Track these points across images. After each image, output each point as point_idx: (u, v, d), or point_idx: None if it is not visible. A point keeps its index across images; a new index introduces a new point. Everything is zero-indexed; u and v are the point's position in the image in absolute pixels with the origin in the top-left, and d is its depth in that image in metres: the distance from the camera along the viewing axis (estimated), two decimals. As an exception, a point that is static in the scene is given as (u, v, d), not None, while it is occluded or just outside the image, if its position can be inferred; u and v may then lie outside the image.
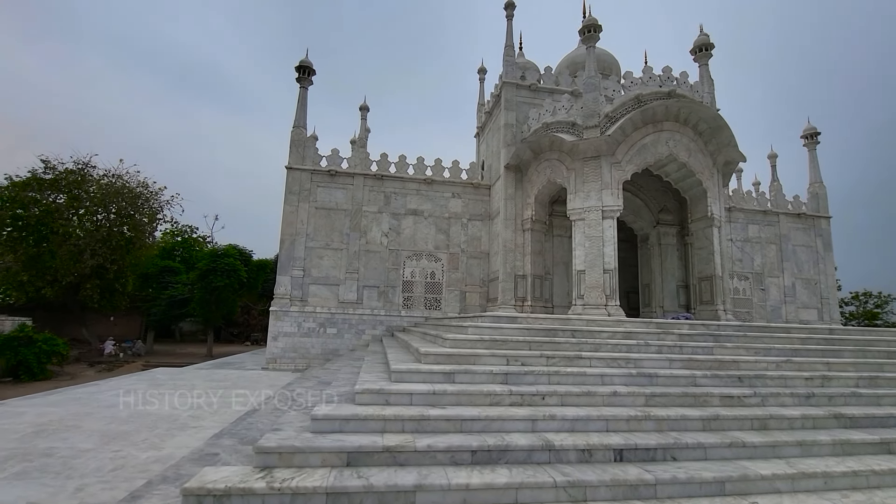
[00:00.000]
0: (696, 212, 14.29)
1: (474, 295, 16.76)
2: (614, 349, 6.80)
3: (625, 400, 5.45)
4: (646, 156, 13.16)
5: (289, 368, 14.95)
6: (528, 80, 16.30)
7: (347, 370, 9.30)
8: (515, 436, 4.54)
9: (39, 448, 5.92)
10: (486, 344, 6.49)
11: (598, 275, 12.65)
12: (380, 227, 16.52)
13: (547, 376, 5.71)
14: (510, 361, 6.09)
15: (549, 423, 4.79)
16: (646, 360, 6.43)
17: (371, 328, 15.75)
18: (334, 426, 4.43)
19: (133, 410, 8.34)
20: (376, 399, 4.93)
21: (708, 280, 13.98)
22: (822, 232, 19.43)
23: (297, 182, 16.12)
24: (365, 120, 18.58)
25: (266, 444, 3.96)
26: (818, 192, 19.78)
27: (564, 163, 13.88)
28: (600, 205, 12.91)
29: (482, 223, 17.27)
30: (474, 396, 5.10)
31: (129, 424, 7.34)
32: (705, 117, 13.40)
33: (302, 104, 16.84)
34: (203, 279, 23.70)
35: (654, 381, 5.98)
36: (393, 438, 4.27)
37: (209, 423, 7.63)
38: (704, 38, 15.49)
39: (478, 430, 4.64)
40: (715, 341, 7.61)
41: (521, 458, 4.29)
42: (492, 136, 17.83)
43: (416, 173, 17.10)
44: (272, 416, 5.93)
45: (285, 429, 4.48)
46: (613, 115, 13.35)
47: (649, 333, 7.53)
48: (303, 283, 15.65)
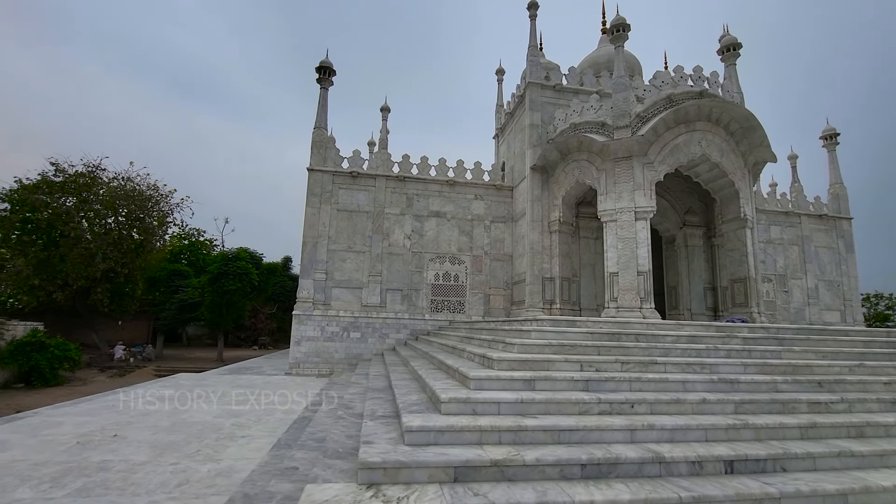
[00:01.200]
0: (727, 213, 14.12)
1: (498, 298, 16.51)
2: (684, 353, 6.57)
3: (714, 408, 5.22)
4: (678, 156, 12.98)
5: (312, 373, 14.64)
6: (553, 81, 16.12)
7: (388, 376, 9.03)
8: (619, 447, 4.29)
9: (93, 461, 5.62)
10: (555, 349, 6.24)
11: (632, 277, 12.44)
12: (402, 229, 16.26)
13: (628, 383, 5.48)
14: (584, 367, 5.85)
15: (648, 434, 4.55)
16: (721, 366, 6.20)
17: (395, 332, 15.47)
18: (429, 438, 4.17)
19: (173, 419, 8.02)
20: (463, 408, 4.67)
21: (741, 282, 13.79)
22: (843, 233, 19.33)
23: (319, 184, 15.85)
24: (386, 121, 18.33)
25: (370, 458, 3.69)
26: (839, 192, 19.70)
27: (594, 163, 13.68)
28: (633, 206, 12.71)
29: (505, 225, 17.05)
30: (562, 405, 4.85)
31: (175, 434, 7.03)
32: (737, 117, 13.24)
33: (322, 105, 16.60)
34: (214, 283, 23.32)
35: (736, 387, 5.75)
36: (495, 451, 4.01)
37: (256, 431, 7.33)
38: (732, 38, 15.36)
39: (576, 441, 4.39)
40: (779, 345, 7.39)
41: (631, 471, 4.04)
42: (514, 137, 17.63)
43: (438, 175, 16.88)
44: (340, 426, 5.65)
45: (377, 441, 4.21)
46: (645, 115, 13.18)
47: (713, 337, 7.31)
48: (325, 287, 15.35)
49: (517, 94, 17.24)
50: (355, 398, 7.73)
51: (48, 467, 5.36)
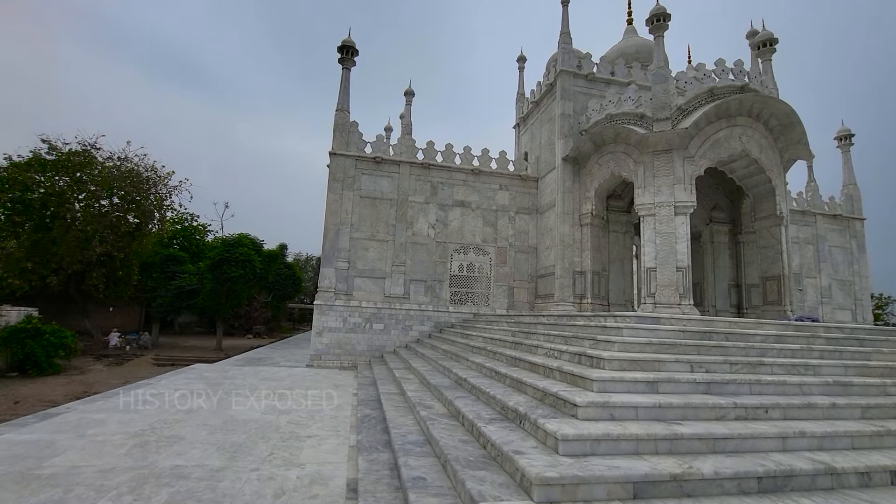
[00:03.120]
0: (761, 210, 14.00)
1: (522, 291, 16.17)
2: (780, 354, 6.31)
3: (843, 412, 4.95)
4: (719, 151, 12.75)
5: (334, 366, 14.08)
6: (585, 70, 15.70)
7: (447, 372, 8.58)
8: (779, 456, 3.97)
9: (164, 466, 5.03)
10: (656, 348, 5.89)
11: (671, 273, 12.22)
12: (426, 218, 15.72)
13: (748, 385, 5.16)
14: (695, 368, 5.51)
15: (799, 441, 4.24)
16: (823, 367, 5.96)
17: (419, 324, 14.99)
18: (585, 448, 3.76)
19: (222, 417, 7.42)
20: (601, 413, 4.28)
21: (775, 280, 13.73)
22: (856, 234, 19.59)
23: (342, 169, 15.16)
24: (410, 105, 17.65)
25: (545, 473, 3.26)
26: (852, 193, 19.92)
27: (631, 156, 13.36)
28: (672, 200, 12.44)
29: (529, 216, 16.66)
30: (699, 410, 4.50)
31: (235, 434, 6.46)
32: (777, 113, 13.07)
33: (345, 86, 15.83)
34: (216, 269, 22.38)
35: (849, 390, 5.51)
36: (663, 462, 3.63)
37: (318, 430, 6.82)
38: (768, 33, 15.17)
39: (732, 449, 4.05)
40: (861, 345, 7.22)
41: (805, 484, 3.72)
42: (539, 127, 17.19)
43: (463, 163, 16.35)
44: (440, 429, 5.18)
45: (526, 450, 3.78)
46: (686, 108, 12.90)
47: (797, 337, 7.08)
48: (347, 276, 14.75)
49: (545, 82, 16.77)
50: (421, 395, 7.26)
51: (118, 475, 4.76)
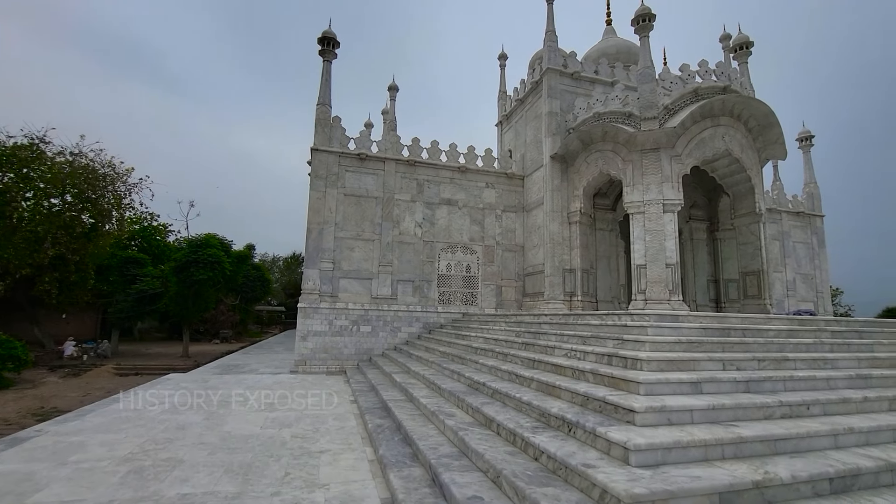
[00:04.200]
0: (741, 207, 14.47)
1: (510, 289, 16.06)
2: (796, 349, 6.39)
3: (874, 405, 5.03)
4: (704, 150, 13.03)
5: (320, 371, 13.47)
6: (570, 69, 15.74)
7: (455, 374, 8.27)
8: (839, 454, 3.93)
9: (169, 497, 4.46)
10: (685, 347, 5.81)
11: (661, 269, 12.39)
12: (413, 216, 15.32)
13: (782, 382, 5.16)
14: (726, 366, 5.47)
15: (848, 438, 4.23)
16: (839, 361, 6.08)
17: (407, 325, 14.59)
18: (657, 458, 3.57)
19: (218, 433, 6.81)
20: (659, 419, 4.11)
21: (754, 275, 14.23)
22: (817, 230, 20.70)
23: (325, 165, 14.52)
24: (394, 101, 17.14)
25: (634, 489, 3.03)
26: (813, 192, 21.05)
27: (620, 154, 13.47)
28: (661, 198, 12.62)
29: (516, 215, 16.57)
30: (749, 410, 4.43)
31: (238, 452, 5.90)
32: (757, 114, 13.50)
33: (326, 79, 15.18)
34: (182, 272, 21.07)
35: (870, 382, 5.63)
36: (739, 469, 3.48)
37: (329, 444, 6.36)
38: (744, 36, 15.71)
39: (790, 450, 3.98)
40: (860, 337, 7.47)
41: (870, 482, 3.69)
42: (525, 125, 17.12)
43: (449, 161, 16.06)
44: (475, 439, 4.87)
45: (596, 463, 3.54)
46: (672, 108, 13.12)
47: (805, 331, 7.24)
48: (332, 277, 14.15)
49: (530, 80, 16.71)
50: (436, 401, 6.92)
51: (123, 509, 4.18)
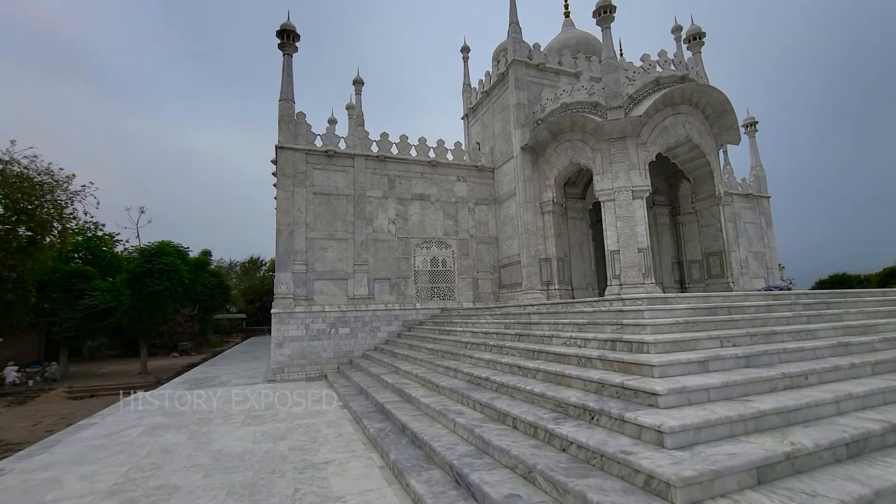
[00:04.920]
0: (701, 191, 15.16)
1: (486, 282, 16.12)
2: (779, 322, 6.75)
3: (860, 371, 5.37)
4: (667, 137, 13.52)
5: (300, 378, 12.99)
6: (535, 60, 15.88)
7: (451, 370, 8.17)
8: (845, 420, 4.16)
9: (177, 524, 4.13)
10: (682, 327, 6.00)
11: (634, 254, 12.79)
12: (386, 213, 15.03)
13: (777, 354, 5.42)
14: (724, 343, 5.69)
15: (848, 403, 4.49)
16: (819, 331, 6.47)
17: (386, 325, 14.34)
18: (689, 438, 3.63)
19: (207, 452, 6.38)
20: (680, 400, 4.19)
21: (717, 255, 14.98)
22: (764, 210, 22.09)
23: (291, 164, 13.95)
24: (360, 94, 16.67)
25: (686, 472, 3.04)
26: (759, 174, 22.42)
27: (589, 143, 13.76)
28: (630, 185, 13.00)
29: (488, 207, 16.62)
30: (757, 384, 4.61)
31: (237, 472, 5.55)
32: (713, 101, 14.13)
33: (287, 74, 14.55)
34: (135, 283, 19.77)
35: (850, 349, 6.02)
36: (768, 442, 3.60)
37: (332, 454, 6.11)
38: (696, 27, 16.41)
39: (802, 420, 4.16)
40: (828, 308, 8.00)
41: (877, 443, 3.92)
42: (492, 117, 17.15)
43: (419, 155, 15.85)
44: (494, 435, 4.79)
45: (635, 450, 3.55)
46: (636, 97, 13.51)
47: (782, 305, 7.68)
48: (306, 280, 13.66)
49: (496, 72, 16.73)
50: (439, 399, 6.80)
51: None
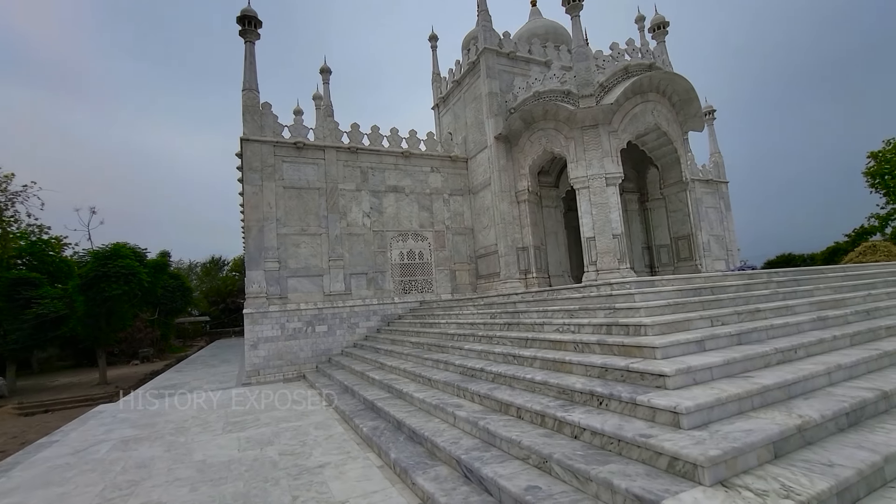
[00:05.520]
0: (668, 178, 15.59)
1: (463, 273, 16.05)
2: (759, 300, 7.00)
3: (841, 342, 5.62)
4: (637, 125, 13.79)
5: (277, 379, 12.53)
6: (506, 48, 15.80)
7: (440, 363, 8.04)
8: (839, 390, 4.33)
9: (171, 544, 3.82)
10: (673, 309, 6.10)
11: (609, 240, 13.03)
12: (360, 206, 14.65)
13: (766, 331, 5.59)
14: (714, 322, 5.82)
15: (838, 374, 4.67)
16: (797, 307, 6.74)
17: (365, 320, 14.03)
18: (703, 418, 3.65)
19: (192, 464, 5.99)
20: (686, 380, 4.23)
21: (685, 239, 15.50)
22: (723, 195, 23.06)
23: (258, 157, 13.32)
24: (328, 84, 16.07)
25: (711, 452, 3.03)
26: (718, 161, 23.36)
27: (562, 132, 13.85)
28: (603, 172, 13.20)
29: (463, 198, 16.51)
30: (754, 360, 4.73)
31: (226, 483, 5.23)
32: (679, 89, 14.50)
33: (250, 62, 13.84)
34: (90, 288, 18.50)
35: (828, 322, 6.30)
36: (778, 416, 3.67)
37: (323, 456, 5.89)
38: (660, 17, 16.78)
39: (800, 392, 4.29)
40: (798, 285, 8.37)
41: (872, 411, 4.09)
42: (463, 107, 16.99)
43: (392, 146, 15.51)
44: (499, 424, 4.69)
45: (655, 433, 3.54)
46: (606, 85, 13.68)
47: (757, 284, 7.97)
48: (279, 277, 13.14)
49: (466, 61, 16.55)
50: (434, 394, 6.66)
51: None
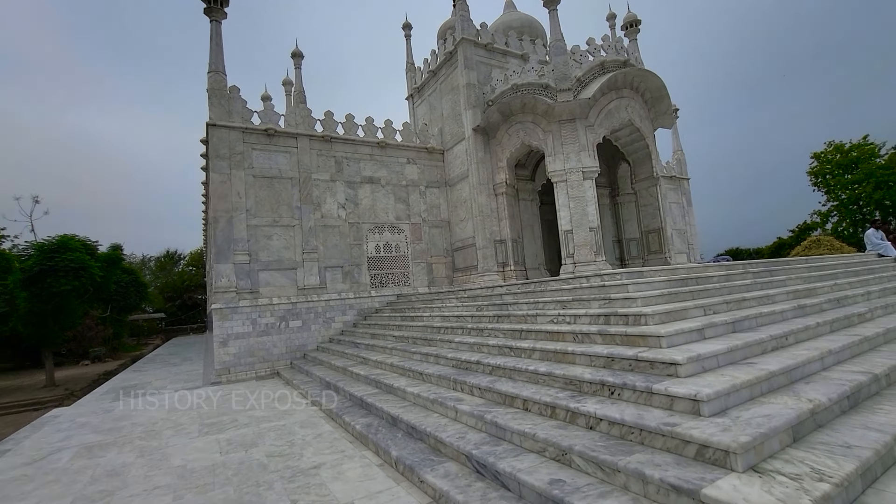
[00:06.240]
0: (640, 172, 16.00)
1: (440, 266, 15.89)
2: (742, 290, 7.24)
3: (823, 329, 5.86)
4: (612, 120, 14.04)
5: (249, 377, 11.96)
6: (484, 40, 15.67)
7: (426, 357, 7.87)
8: (833, 374, 4.48)
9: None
10: (666, 298, 6.20)
11: (586, 233, 13.23)
12: (335, 197, 14.17)
13: (755, 319, 5.75)
14: (706, 311, 5.94)
15: (829, 358, 4.84)
16: (776, 296, 7.02)
17: (341, 314, 13.62)
18: (721, 404, 3.67)
19: (171, 470, 5.54)
20: (696, 368, 4.25)
21: (655, 232, 15.97)
22: (685, 191, 24.01)
23: (226, 143, 12.60)
24: (299, 69, 15.37)
25: (742, 439, 3.03)
26: (680, 158, 24.27)
27: (540, 125, 13.92)
28: (580, 166, 13.37)
29: (439, 190, 16.31)
30: (752, 347, 4.84)
31: (214, 489, 4.86)
32: (651, 86, 14.86)
33: (216, 42, 13.03)
34: (33, 284, 17.04)
35: (806, 310, 6.58)
36: (789, 401, 3.74)
37: (316, 455, 5.60)
38: (632, 15, 17.13)
39: (800, 377, 4.42)
40: (772, 275, 8.76)
41: (866, 393, 4.26)
42: (439, 98, 16.75)
43: (367, 136, 15.08)
44: (513, 419, 4.59)
45: (678, 421, 3.52)
46: (583, 79, 13.84)
47: (737, 274, 8.27)
48: (250, 271, 12.52)
49: (443, 50, 16.30)
50: (428, 387, 6.48)
51: None
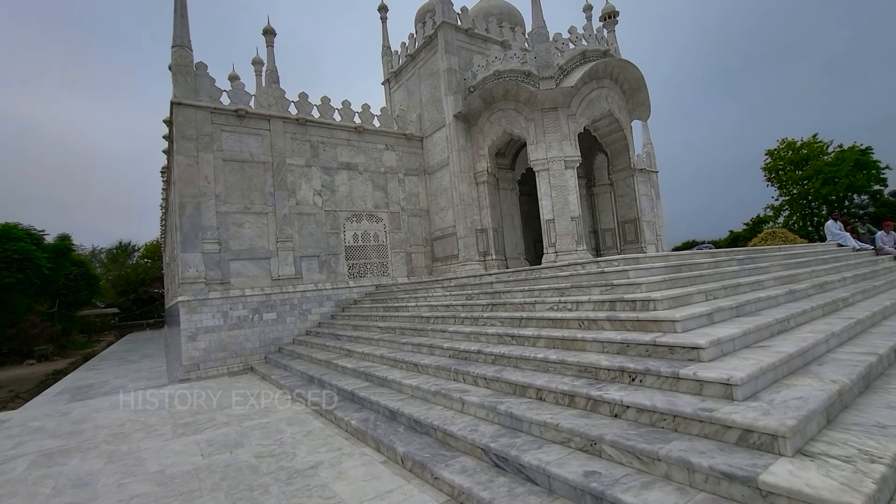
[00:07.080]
0: (617, 163, 16.17)
1: (419, 255, 15.55)
2: (733, 276, 7.34)
3: (817, 313, 5.97)
4: (593, 110, 14.06)
5: (221, 373, 11.28)
6: (464, 24, 15.31)
7: (421, 346, 7.59)
8: (843, 355, 4.52)
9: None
10: (668, 284, 6.17)
11: (567, 222, 13.24)
12: (311, 184, 13.53)
13: (754, 304, 5.79)
14: (708, 296, 5.95)
15: (832, 341, 4.89)
16: (765, 282, 7.16)
17: (318, 306, 13.08)
18: (752, 388, 3.59)
19: (148, 477, 5.02)
20: (716, 352, 4.17)
21: (632, 223, 16.20)
22: (654, 183, 24.62)
23: (193, 124, 11.73)
24: (272, 47, 14.48)
25: (788, 422, 2.92)
26: (650, 151, 24.85)
27: (522, 113, 13.77)
28: (562, 155, 13.35)
29: (418, 178, 15.91)
30: (762, 331, 4.83)
31: (202, 496, 4.41)
32: (630, 77, 14.99)
33: (181, 14, 12.07)
34: (-31, 276, 15.51)
35: (796, 295, 6.72)
36: (812, 382, 3.72)
37: (310, 455, 5.23)
38: (611, 6, 17.19)
39: (813, 358, 4.44)
40: (755, 262, 8.97)
41: (876, 373, 4.32)
42: (418, 83, 16.29)
43: (344, 120, 14.47)
44: (521, 406, 4.38)
45: (714, 406, 3.41)
46: (565, 68, 13.78)
47: (723, 261, 8.40)
48: (220, 261, 11.78)
49: (422, 34, 15.81)
50: (427, 379, 6.20)
51: None
